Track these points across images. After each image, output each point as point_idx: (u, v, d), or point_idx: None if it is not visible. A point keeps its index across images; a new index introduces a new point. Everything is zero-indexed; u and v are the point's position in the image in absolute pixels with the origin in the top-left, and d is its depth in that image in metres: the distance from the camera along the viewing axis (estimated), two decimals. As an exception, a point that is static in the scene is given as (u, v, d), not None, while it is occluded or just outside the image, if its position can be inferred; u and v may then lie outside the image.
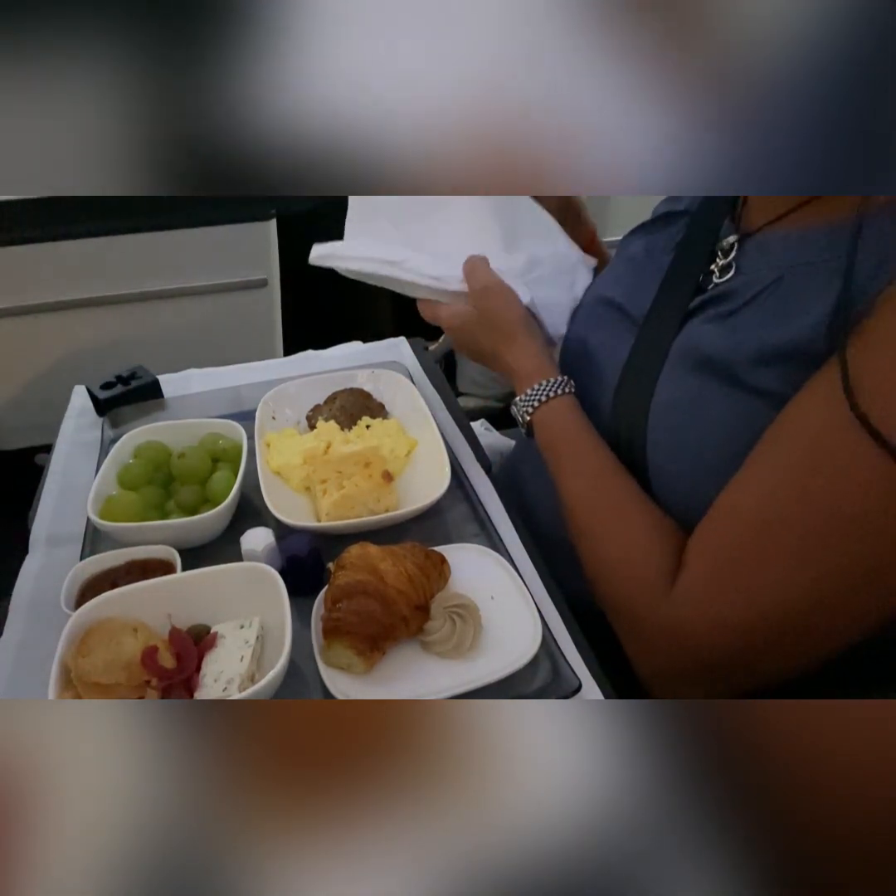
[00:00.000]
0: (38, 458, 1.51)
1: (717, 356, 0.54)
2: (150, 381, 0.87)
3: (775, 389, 0.50)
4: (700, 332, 0.57)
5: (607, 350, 0.67)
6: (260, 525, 0.63)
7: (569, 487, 0.61)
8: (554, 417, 0.64)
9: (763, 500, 0.48)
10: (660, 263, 0.66)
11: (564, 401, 0.64)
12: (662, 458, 0.57)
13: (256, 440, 0.74)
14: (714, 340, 0.55)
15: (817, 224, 0.52)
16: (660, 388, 0.58)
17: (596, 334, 0.70)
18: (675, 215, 0.69)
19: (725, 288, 0.57)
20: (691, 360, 0.56)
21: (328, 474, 0.68)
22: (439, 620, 0.55)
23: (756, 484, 0.49)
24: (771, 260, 0.55)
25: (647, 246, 0.70)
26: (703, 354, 0.55)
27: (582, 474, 0.61)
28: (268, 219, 1.42)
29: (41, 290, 1.36)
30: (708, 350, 0.55)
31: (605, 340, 0.68)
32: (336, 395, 0.83)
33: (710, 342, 0.55)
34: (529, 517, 0.70)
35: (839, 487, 0.45)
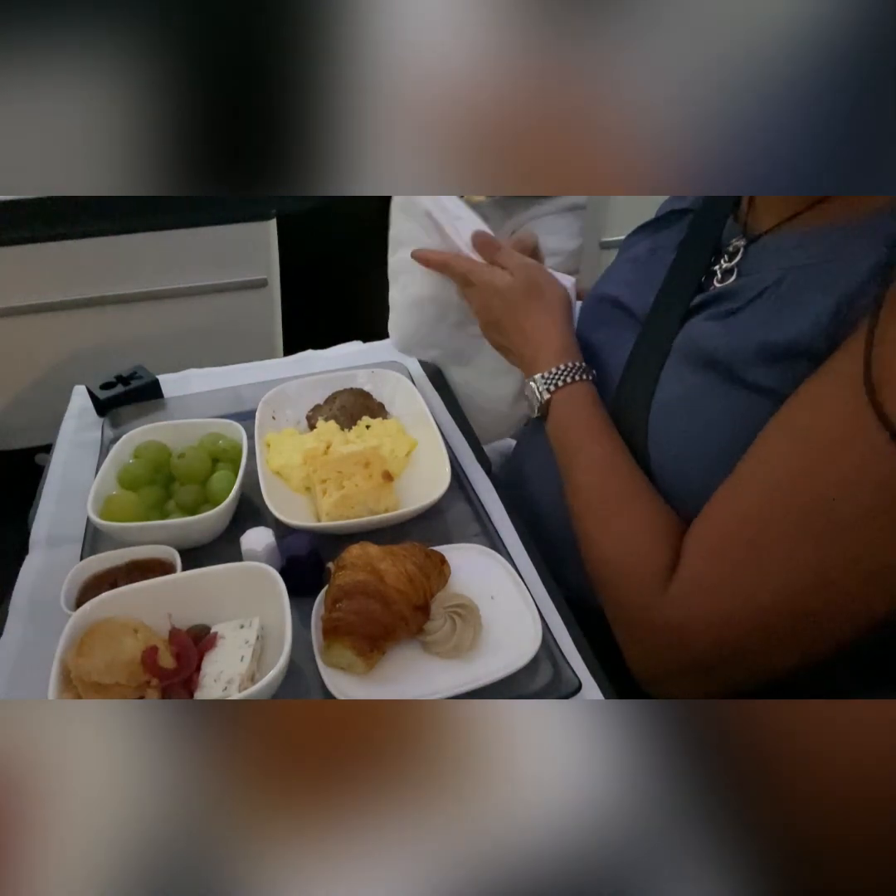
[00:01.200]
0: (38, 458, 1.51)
1: (718, 354, 0.54)
2: (150, 381, 0.87)
3: (775, 387, 0.50)
4: (701, 331, 0.57)
5: (609, 348, 0.67)
6: (260, 525, 0.63)
7: (577, 473, 0.61)
8: (575, 400, 0.64)
9: (764, 494, 0.48)
10: (663, 262, 0.66)
11: (587, 387, 0.64)
12: (663, 456, 0.57)
13: (256, 440, 0.74)
14: (715, 339, 0.55)
15: (819, 225, 0.53)
16: (661, 386, 0.58)
17: (598, 333, 0.70)
18: (679, 213, 0.69)
19: (727, 287, 0.57)
20: (693, 358, 0.56)
21: (328, 474, 0.68)
22: (439, 620, 0.55)
23: (757, 478, 0.49)
24: (773, 262, 0.55)
25: (651, 245, 0.70)
26: (704, 353, 0.55)
27: (592, 461, 0.60)
28: (268, 219, 1.42)
29: (41, 290, 1.36)
30: (709, 348, 0.55)
31: (607, 339, 0.68)
32: (336, 395, 0.83)
33: (710, 340, 0.55)
34: (530, 517, 0.70)
35: (851, 482, 0.44)
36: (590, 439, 0.61)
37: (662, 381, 0.58)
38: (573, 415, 0.63)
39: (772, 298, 0.53)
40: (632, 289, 0.68)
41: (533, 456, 0.73)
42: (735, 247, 0.60)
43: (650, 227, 0.73)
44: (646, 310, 0.64)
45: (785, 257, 0.54)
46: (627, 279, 0.70)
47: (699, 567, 0.51)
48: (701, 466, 0.54)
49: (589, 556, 0.60)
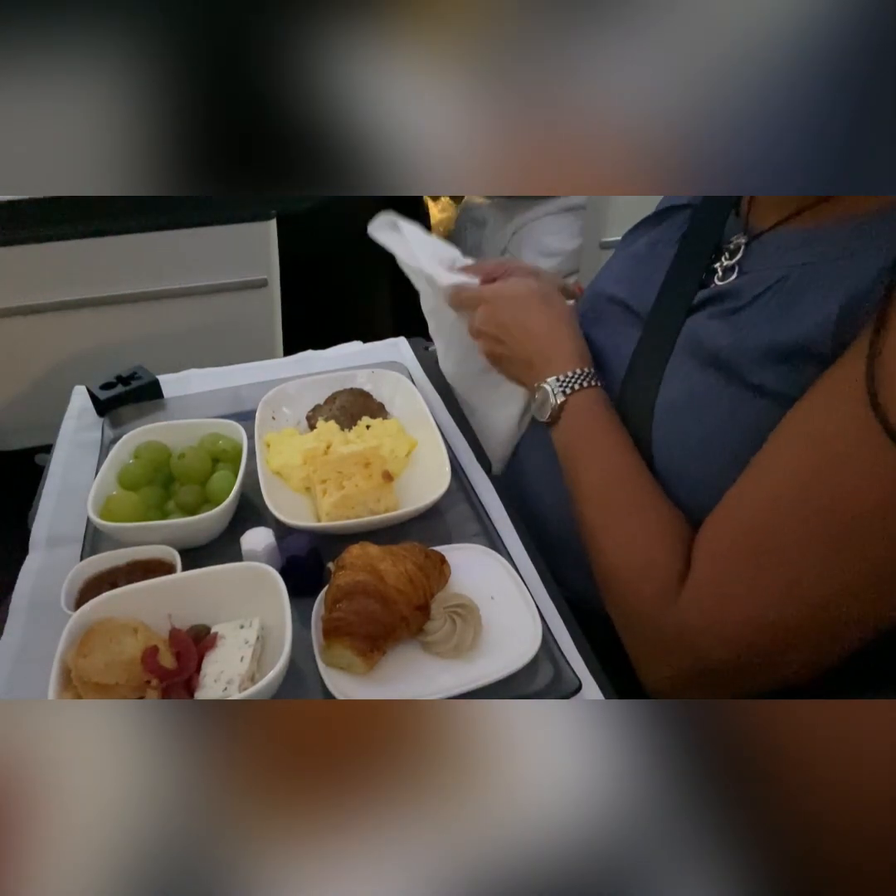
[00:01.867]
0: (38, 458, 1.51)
1: (722, 354, 0.53)
2: (150, 382, 0.87)
3: (780, 389, 0.50)
4: (705, 329, 0.57)
5: (611, 346, 0.66)
6: (260, 525, 0.63)
7: (588, 478, 0.60)
8: (591, 405, 0.63)
9: (773, 500, 0.48)
10: (663, 258, 0.66)
11: (600, 392, 0.64)
12: (667, 456, 0.57)
13: (256, 440, 0.74)
14: (718, 338, 0.55)
15: (825, 223, 0.52)
16: (665, 384, 0.58)
17: (599, 332, 0.69)
18: (678, 209, 0.69)
19: (729, 285, 0.57)
20: (697, 356, 0.56)
21: (328, 474, 0.67)
22: (439, 620, 0.55)
23: (764, 484, 0.49)
24: (776, 259, 0.55)
25: (650, 241, 0.69)
26: (709, 351, 0.55)
27: (603, 467, 0.60)
28: (268, 219, 1.42)
29: (41, 290, 1.36)
30: (713, 348, 0.55)
31: (608, 337, 0.68)
32: (336, 395, 0.83)
33: (715, 340, 0.55)
34: (530, 517, 0.70)
35: (858, 489, 0.44)
36: (605, 446, 0.60)
37: (666, 379, 0.58)
38: (588, 420, 0.62)
39: (776, 297, 0.52)
40: (632, 285, 0.67)
41: (533, 456, 0.73)
42: (736, 244, 0.60)
43: (649, 222, 0.73)
44: (646, 307, 0.64)
45: (787, 255, 0.54)
46: (627, 275, 0.70)
47: (710, 574, 0.51)
48: (706, 469, 0.54)
49: (598, 563, 0.59)
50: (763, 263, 0.56)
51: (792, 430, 0.49)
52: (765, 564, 0.48)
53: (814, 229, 0.53)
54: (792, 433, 0.49)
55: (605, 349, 0.67)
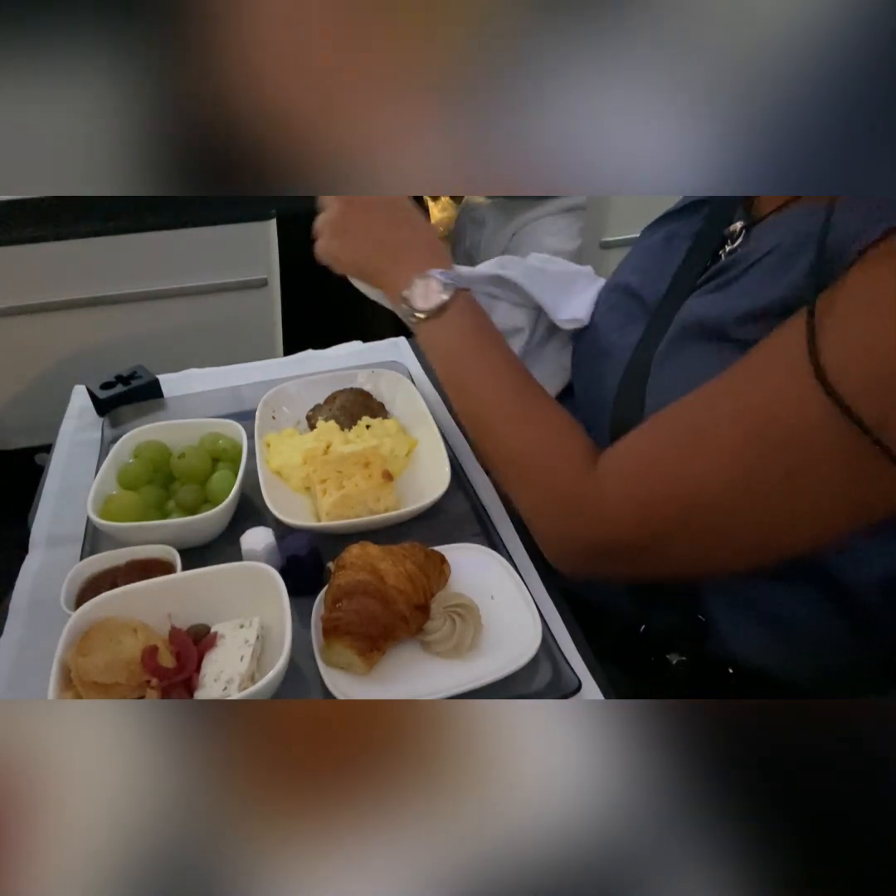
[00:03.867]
0: (38, 458, 1.51)
1: (710, 321, 0.55)
2: (150, 381, 0.87)
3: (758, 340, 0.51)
4: (698, 304, 0.58)
5: (618, 334, 0.67)
6: (260, 525, 0.63)
7: (490, 370, 0.62)
8: (476, 304, 0.65)
9: (706, 408, 0.50)
10: (678, 251, 0.66)
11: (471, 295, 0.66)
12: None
13: (256, 440, 0.74)
14: (709, 308, 0.55)
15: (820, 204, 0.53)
16: (655, 366, 0.58)
17: (609, 320, 0.70)
18: (698, 204, 0.69)
19: (726, 261, 0.58)
20: (688, 332, 0.57)
21: (328, 474, 0.68)
22: (439, 620, 0.55)
23: (699, 395, 0.51)
24: (772, 233, 0.55)
25: (667, 234, 0.70)
26: (698, 323, 0.56)
27: (509, 359, 0.62)
28: (268, 219, 1.42)
29: (41, 290, 1.36)
30: (702, 318, 0.55)
31: (617, 325, 0.68)
32: (336, 395, 0.83)
33: (705, 310, 0.56)
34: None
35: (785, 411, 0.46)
36: (500, 340, 0.64)
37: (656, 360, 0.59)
38: (480, 316, 0.65)
39: (764, 265, 0.53)
40: (644, 276, 0.68)
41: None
42: (737, 228, 0.60)
43: (668, 217, 0.73)
44: (657, 297, 0.64)
45: (783, 229, 0.54)
46: (641, 267, 0.70)
47: (623, 451, 0.53)
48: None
49: (499, 456, 0.61)
50: (759, 244, 0.57)
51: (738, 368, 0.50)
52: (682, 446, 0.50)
53: (814, 205, 0.53)
54: (738, 370, 0.50)
55: (612, 337, 0.68)
